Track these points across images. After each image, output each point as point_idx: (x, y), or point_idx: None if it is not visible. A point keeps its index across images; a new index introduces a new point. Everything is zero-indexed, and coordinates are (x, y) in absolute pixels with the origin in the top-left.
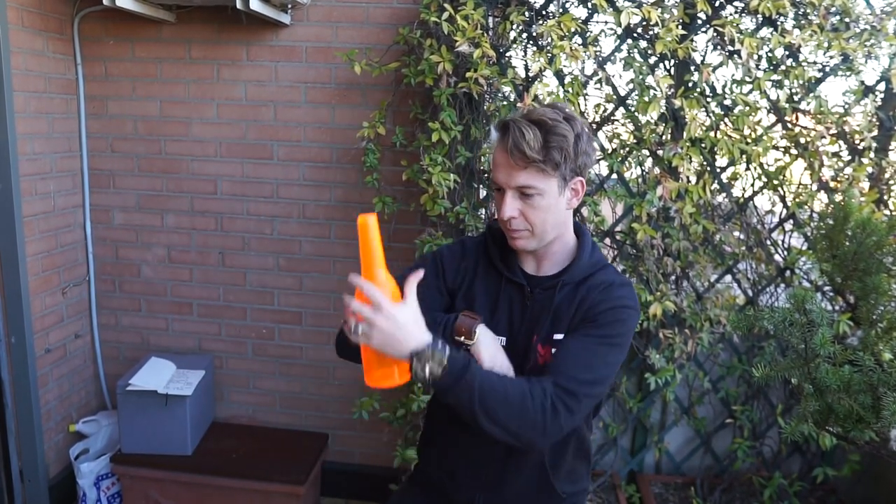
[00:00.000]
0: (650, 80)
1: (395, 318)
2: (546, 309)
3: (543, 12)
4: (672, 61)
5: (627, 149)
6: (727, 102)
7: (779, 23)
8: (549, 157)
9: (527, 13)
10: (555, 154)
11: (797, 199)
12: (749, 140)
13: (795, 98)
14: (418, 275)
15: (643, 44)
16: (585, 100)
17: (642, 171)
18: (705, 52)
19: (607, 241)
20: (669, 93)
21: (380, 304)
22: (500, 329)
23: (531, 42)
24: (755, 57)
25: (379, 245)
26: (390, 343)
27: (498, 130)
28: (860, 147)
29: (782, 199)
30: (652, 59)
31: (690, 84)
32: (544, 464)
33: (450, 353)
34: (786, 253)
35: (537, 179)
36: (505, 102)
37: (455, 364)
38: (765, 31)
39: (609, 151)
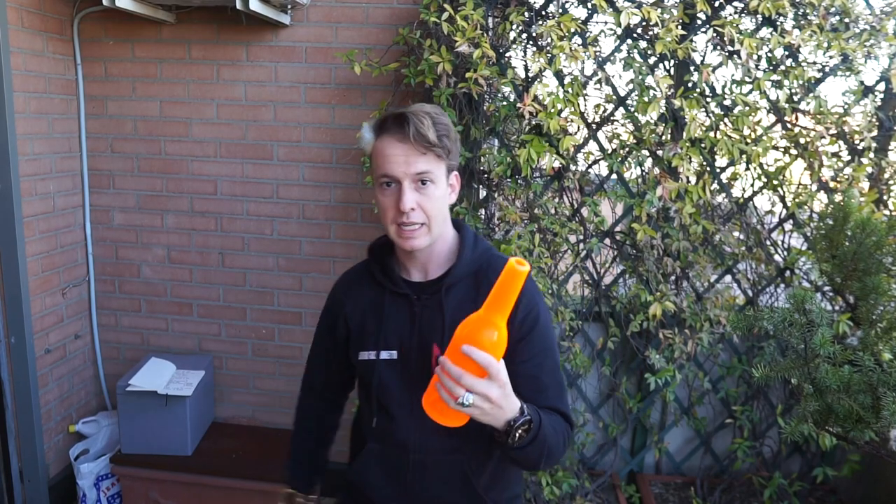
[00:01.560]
0: (650, 80)
1: (507, 391)
2: (438, 314)
3: (543, 12)
4: (672, 61)
5: (627, 149)
6: (727, 102)
7: (778, 23)
8: (442, 143)
9: (527, 13)
10: (446, 141)
11: (797, 200)
12: (749, 140)
13: (795, 98)
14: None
15: (643, 44)
16: (585, 100)
17: (642, 171)
18: (705, 53)
19: (607, 241)
20: (669, 93)
21: (498, 377)
22: (389, 343)
23: (531, 42)
24: (755, 57)
25: (514, 298)
26: (493, 414)
27: (388, 124)
28: (860, 147)
29: (782, 199)
30: (652, 60)
31: (690, 84)
32: (465, 471)
33: (528, 415)
34: (786, 253)
35: (434, 165)
36: (505, 102)
37: (535, 427)
38: (764, 32)
39: (609, 151)
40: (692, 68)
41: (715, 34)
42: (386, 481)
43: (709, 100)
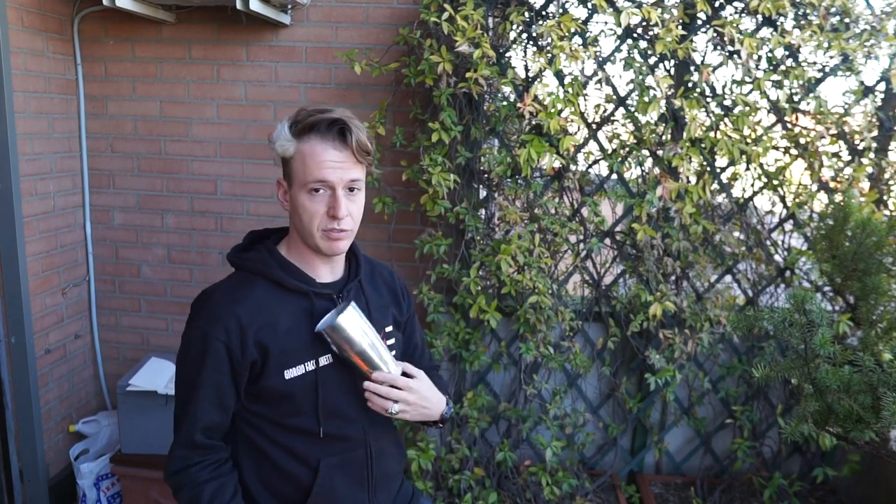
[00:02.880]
0: (650, 80)
1: (423, 393)
2: (361, 306)
3: (543, 12)
4: (672, 61)
5: (627, 149)
6: (727, 103)
7: (779, 23)
8: (372, 151)
9: (527, 13)
10: (372, 149)
11: (797, 200)
12: (749, 140)
13: (795, 98)
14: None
15: (643, 44)
16: (585, 100)
17: (642, 171)
18: (705, 53)
19: (607, 241)
20: (669, 93)
21: (406, 386)
22: (325, 347)
23: (531, 42)
24: (755, 57)
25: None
26: (424, 412)
27: (321, 129)
28: (860, 147)
29: (782, 199)
30: (652, 60)
31: (690, 84)
32: (398, 438)
33: (451, 402)
34: (786, 253)
35: (363, 172)
36: (505, 102)
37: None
38: (765, 32)
39: (609, 151)
40: (692, 68)
41: (715, 34)
42: (353, 484)
43: (709, 100)
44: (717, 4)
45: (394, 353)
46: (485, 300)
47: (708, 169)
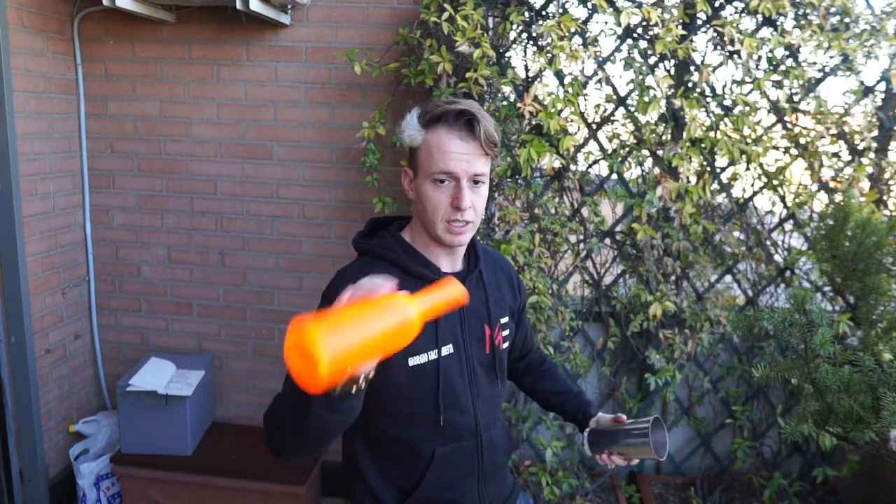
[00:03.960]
0: (650, 80)
1: None
2: (481, 298)
3: (543, 12)
4: (672, 61)
5: (627, 149)
6: (727, 103)
7: (779, 23)
8: (498, 144)
9: (527, 13)
10: (498, 142)
11: (797, 200)
12: (749, 140)
13: (795, 98)
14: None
15: (643, 44)
16: (585, 100)
17: (642, 171)
18: (705, 53)
19: (607, 241)
20: (669, 93)
21: None
22: (446, 338)
23: (531, 42)
24: (755, 57)
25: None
26: None
27: (449, 120)
28: (860, 147)
29: (782, 199)
30: (652, 60)
31: (690, 84)
32: (509, 430)
33: None
34: (786, 253)
35: (488, 166)
36: (505, 102)
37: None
38: (765, 32)
39: (609, 151)
40: (692, 68)
41: (715, 34)
42: (464, 473)
43: (709, 100)
44: (717, 4)
45: (507, 344)
46: None
47: (708, 169)
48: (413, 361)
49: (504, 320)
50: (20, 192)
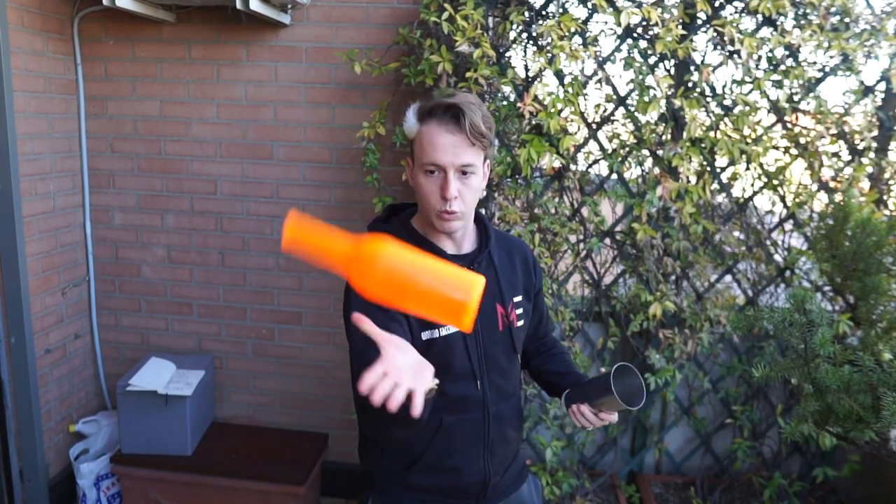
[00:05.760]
0: (650, 80)
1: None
2: (491, 277)
3: (543, 12)
4: (672, 61)
5: (627, 149)
6: (727, 102)
7: (779, 23)
8: (488, 135)
9: (527, 13)
10: (489, 133)
11: (797, 199)
12: (749, 140)
13: (795, 98)
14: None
15: (643, 44)
16: (585, 100)
17: (642, 171)
18: (705, 52)
19: (607, 240)
20: (669, 93)
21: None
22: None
23: (531, 42)
24: (755, 57)
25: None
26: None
27: (439, 112)
28: (860, 147)
29: (782, 199)
30: (652, 59)
31: (690, 84)
32: (520, 407)
33: None
34: (786, 253)
35: (478, 157)
36: (505, 102)
37: None
38: (765, 31)
39: (609, 151)
40: (692, 68)
41: (715, 34)
42: (470, 442)
43: (709, 100)
44: (717, 4)
45: (522, 322)
46: None
47: (708, 169)
48: (426, 335)
49: (517, 299)
50: (20, 192)
